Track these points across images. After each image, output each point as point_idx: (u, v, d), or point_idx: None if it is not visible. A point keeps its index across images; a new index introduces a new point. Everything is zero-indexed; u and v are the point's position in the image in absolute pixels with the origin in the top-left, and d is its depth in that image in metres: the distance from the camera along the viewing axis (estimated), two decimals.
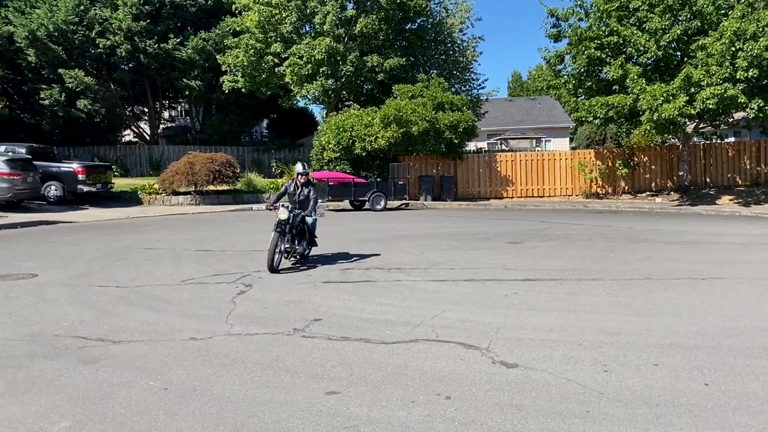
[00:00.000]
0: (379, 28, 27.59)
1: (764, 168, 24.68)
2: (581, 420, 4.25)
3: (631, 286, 8.71)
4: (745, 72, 18.32)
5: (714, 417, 4.30)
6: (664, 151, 25.86)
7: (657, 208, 21.26)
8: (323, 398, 4.68)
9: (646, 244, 12.77)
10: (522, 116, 41.59)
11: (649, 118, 19.76)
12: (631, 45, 20.79)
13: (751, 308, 7.36)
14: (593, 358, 5.56)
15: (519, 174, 26.01)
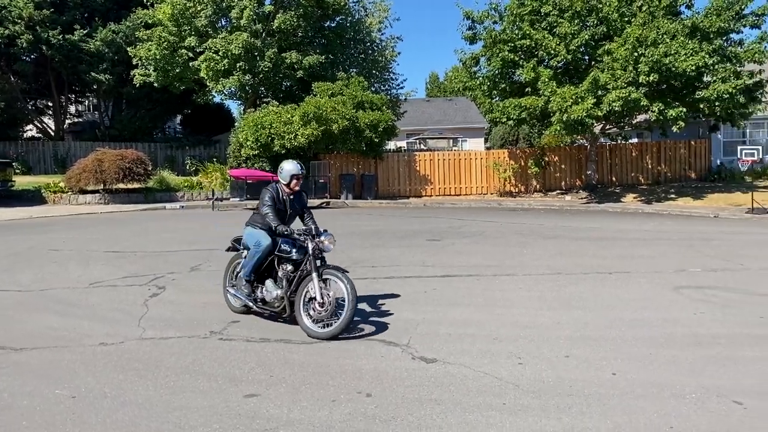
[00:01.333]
0: (297, 24, 27.32)
1: (664, 168, 26.26)
2: (498, 412, 4.37)
3: (543, 280, 9.03)
4: (647, 76, 19.38)
5: (621, 404, 4.53)
6: (574, 151, 27.00)
7: (567, 205, 22.18)
8: (242, 401, 4.58)
9: (557, 241, 13.29)
10: (439, 116, 42.31)
11: (559, 119, 20.57)
12: (543, 48, 21.55)
13: (653, 301, 7.80)
14: (509, 351, 5.73)
15: (437, 173, 26.46)
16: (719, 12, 20.20)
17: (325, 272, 6.22)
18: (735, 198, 20.92)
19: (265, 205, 6.55)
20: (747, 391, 4.74)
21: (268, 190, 6.72)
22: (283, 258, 6.53)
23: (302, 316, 6.19)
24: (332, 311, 6.09)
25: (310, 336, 6.07)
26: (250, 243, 6.70)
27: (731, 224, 16.37)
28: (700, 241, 12.97)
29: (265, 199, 6.60)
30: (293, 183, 6.78)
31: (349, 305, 5.95)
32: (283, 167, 6.81)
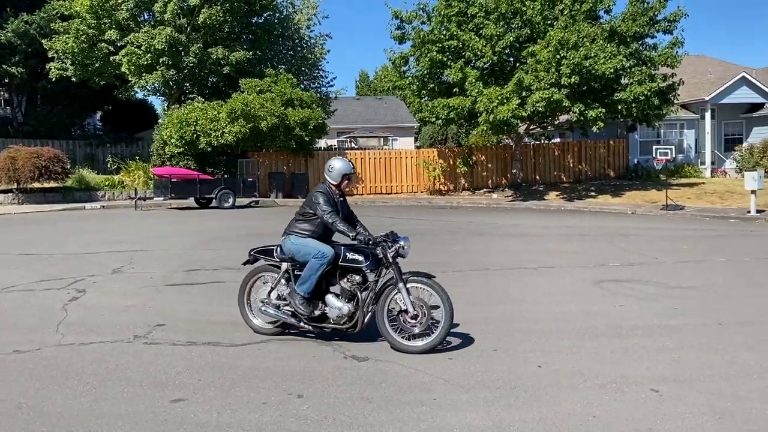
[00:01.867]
0: (223, 19, 26.75)
1: (585, 166, 27.30)
2: (429, 408, 4.42)
3: (471, 276, 9.21)
4: (569, 78, 20.08)
5: (546, 395, 4.67)
6: (500, 151, 27.68)
7: (493, 203, 22.72)
8: (168, 406, 4.44)
9: (485, 237, 13.58)
10: (370, 115, 42.43)
11: (486, 120, 21.02)
12: (470, 49, 21.96)
13: (576, 294, 8.09)
14: (439, 347, 5.80)
15: (368, 172, 26.53)
16: (635, 17, 21.15)
17: (411, 280, 5.72)
18: (650, 195, 21.99)
19: (326, 212, 5.73)
20: (663, 379, 4.99)
21: (321, 192, 5.88)
22: (348, 269, 5.83)
23: (388, 330, 5.65)
24: (427, 323, 5.60)
25: (401, 351, 5.54)
26: (307, 255, 5.79)
27: (647, 220, 17.20)
28: (618, 236, 13.55)
29: (320, 203, 5.78)
30: (344, 183, 6.09)
31: (447, 314, 5.52)
32: (334, 165, 6.05)
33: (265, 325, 6.18)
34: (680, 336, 6.18)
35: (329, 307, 5.79)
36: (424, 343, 5.56)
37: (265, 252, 6.22)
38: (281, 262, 6.04)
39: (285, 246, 5.99)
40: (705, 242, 12.97)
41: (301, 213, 6.02)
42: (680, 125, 27.85)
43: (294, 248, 5.92)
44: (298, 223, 6.01)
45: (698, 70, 30.35)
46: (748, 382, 4.94)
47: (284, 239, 6.03)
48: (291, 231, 6.01)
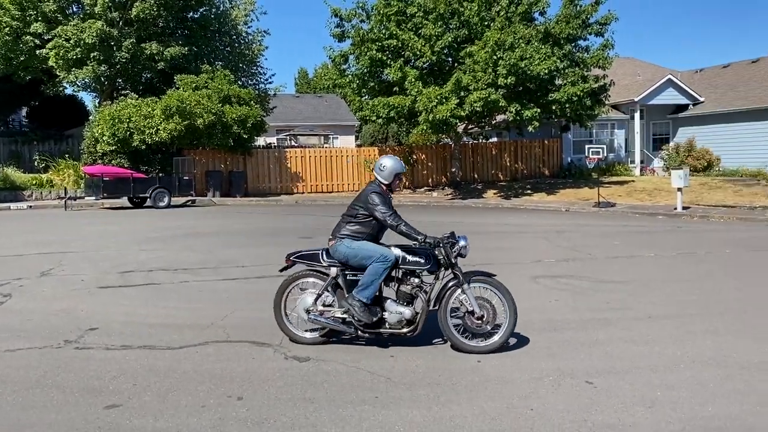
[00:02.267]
0: (158, 14, 26.01)
1: (521, 165, 27.95)
2: (371, 406, 4.43)
3: None
4: (505, 79, 20.49)
5: (486, 390, 4.75)
6: (439, 150, 28.00)
7: (434, 201, 22.96)
8: (102, 413, 4.29)
9: None
10: (310, 113, 42.12)
11: (426, 119, 21.23)
12: (409, 49, 22.11)
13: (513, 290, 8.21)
14: (381, 345, 5.81)
15: (309, 170, 26.36)
16: (568, 20, 21.77)
17: (474, 280, 5.66)
18: (583, 193, 22.70)
19: (386, 214, 5.59)
20: (597, 372, 5.16)
21: (377, 193, 5.68)
22: (406, 271, 5.68)
23: (452, 331, 5.57)
24: (493, 322, 5.57)
25: (465, 351, 5.51)
26: (366, 259, 5.56)
27: (581, 217, 17.75)
28: (553, 233, 13.93)
29: (379, 205, 5.61)
30: (395, 183, 5.93)
31: (511, 312, 5.53)
32: (385, 164, 5.83)
33: (305, 334, 5.85)
34: (612, 329, 6.40)
35: (389, 312, 5.59)
36: (488, 343, 5.55)
37: (307, 257, 5.91)
38: (329, 267, 5.75)
39: (338, 250, 5.70)
40: (635, 238, 13.48)
41: (352, 215, 5.79)
42: (611, 125, 28.86)
43: (350, 252, 5.65)
44: (350, 226, 5.76)
45: (628, 72, 31.53)
46: (676, 372, 5.17)
47: (336, 243, 5.74)
48: (343, 234, 5.75)
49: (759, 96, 25.91)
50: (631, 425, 4.13)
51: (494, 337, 5.56)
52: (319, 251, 5.87)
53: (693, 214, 17.73)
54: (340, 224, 5.86)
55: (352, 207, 5.82)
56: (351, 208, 5.81)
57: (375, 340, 5.89)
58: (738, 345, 5.80)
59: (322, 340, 5.82)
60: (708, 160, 26.17)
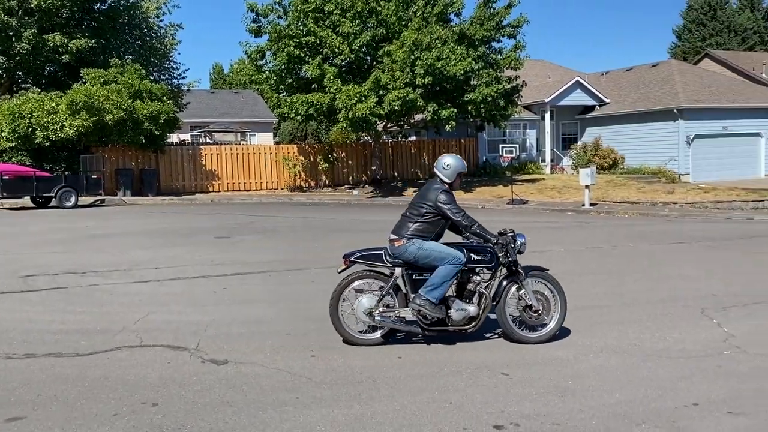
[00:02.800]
0: (61, 4, 24.67)
1: None
2: (292, 407, 4.38)
3: (334, 273, 9.23)
4: (423, 78, 20.79)
5: (406, 386, 4.80)
6: (359, 148, 28.07)
7: (354, 200, 22.99)
8: (3, 426, 4.02)
9: (347, 233, 13.72)
10: (226, 109, 41.17)
11: (345, 116, 21.22)
12: (327, 46, 22.02)
13: None
14: (302, 345, 5.77)
15: (225, 168, 25.77)
16: (482, 22, 22.34)
17: (529, 275, 5.85)
18: (498, 191, 23.36)
19: (459, 214, 5.67)
20: (512, 363, 5.32)
21: (446, 192, 5.73)
22: (469, 269, 5.72)
23: (510, 325, 5.74)
24: (548, 315, 5.81)
25: (523, 342, 5.73)
26: (437, 260, 5.56)
27: (495, 214, 18.26)
28: None
29: (451, 206, 5.66)
30: (457, 182, 5.98)
31: (562, 304, 5.80)
32: (449, 163, 5.86)
33: (364, 335, 5.77)
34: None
35: (454, 309, 5.60)
36: (542, 333, 5.79)
37: (369, 257, 5.80)
38: (394, 267, 5.70)
39: (408, 250, 5.62)
40: (546, 233, 14.00)
41: (419, 213, 5.73)
42: (523, 125, 29.85)
43: (421, 253, 5.59)
44: (418, 225, 5.70)
45: (539, 73, 32.70)
46: (585, 361, 5.41)
47: (406, 243, 5.64)
48: (411, 233, 5.67)
49: (658, 98, 27.53)
50: (545, 414, 4.29)
51: (547, 328, 5.81)
52: (382, 251, 5.79)
53: (600, 210, 18.61)
54: (404, 223, 5.78)
55: (417, 206, 5.76)
56: (416, 207, 5.76)
57: (293, 337, 5.83)
58: (642, 334, 6.14)
59: (381, 341, 5.76)
60: (613, 158, 27.54)
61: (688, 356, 5.51)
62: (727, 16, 53.72)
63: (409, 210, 5.84)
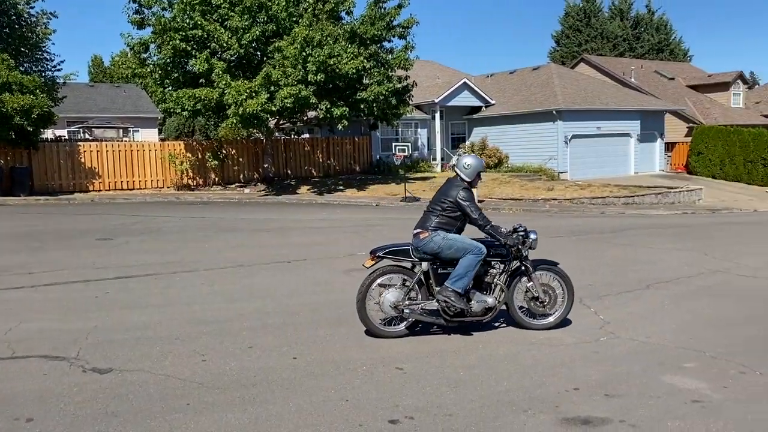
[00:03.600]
0: None
1: (333, 161, 28.45)
2: (182, 414, 4.22)
3: (225, 274, 9.02)
4: (315, 75, 20.66)
5: (302, 386, 4.77)
6: (251, 145, 27.48)
7: (246, 198, 22.50)
8: None
9: (238, 233, 13.40)
10: (106, 104, 38.94)
11: (235, 113, 20.69)
12: (215, 41, 21.36)
13: (328, 284, 8.40)
14: (191, 349, 5.58)
15: (107, 165, 24.36)
16: (373, 21, 22.54)
17: (539, 268, 6.22)
18: (392, 188, 23.71)
19: (476, 213, 5.93)
20: (407, 358, 5.42)
21: (467, 190, 6.00)
22: (486, 262, 6.04)
23: (519, 313, 6.22)
24: (555, 304, 6.23)
25: (531, 329, 6.17)
26: (461, 250, 5.84)
27: (390, 211, 18.53)
28: (365, 227, 14.38)
29: (471, 205, 5.94)
30: (477, 181, 6.24)
31: (569, 295, 6.24)
32: (470, 163, 6.11)
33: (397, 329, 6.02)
34: None
35: (474, 301, 5.93)
36: (549, 320, 6.24)
37: (397, 252, 6.05)
38: (421, 261, 5.95)
39: (434, 240, 5.88)
40: None
41: (442, 208, 6.00)
42: (415, 124, 30.46)
43: (446, 243, 5.86)
44: (441, 219, 5.98)
45: (429, 74, 33.48)
46: (475, 352, 5.61)
47: (431, 234, 5.91)
48: (435, 226, 5.95)
49: (539, 100, 29.02)
50: (438, 406, 4.40)
51: (551, 317, 6.25)
52: (408, 246, 6.04)
53: (487, 207, 19.36)
54: (428, 217, 6.07)
55: (439, 201, 6.04)
56: (438, 203, 6.04)
57: (183, 342, 5.63)
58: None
59: (406, 333, 6.01)
60: (498, 157, 28.73)
61: (568, 343, 5.86)
62: (600, 23, 57.56)
63: (431, 205, 6.16)
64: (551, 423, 4.15)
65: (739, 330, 6.40)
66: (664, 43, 57.94)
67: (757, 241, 13.04)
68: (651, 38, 57.79)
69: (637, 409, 4.37)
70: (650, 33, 58.30)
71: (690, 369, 5.20)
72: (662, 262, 10.28)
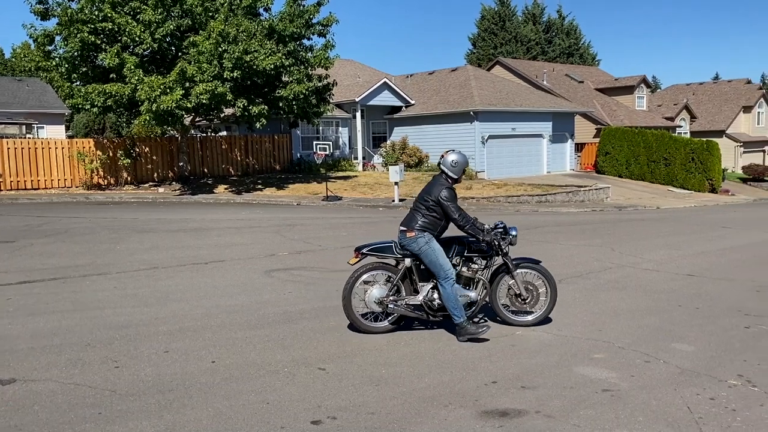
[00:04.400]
0: None
1: (252, 160, 27.94)
2: (93, 424, 4.03)
3: (139, 276, 8.68)
4: (231, 72, 20.21)
5: (221, 391, 4.65)
6: (165, 143, 26.58)
7: (160, 198, 21.75)
8: None
9: (152, 234, 12.93)
10: (7, 98, 36.59)
11: (148, 109, 19.95)
12: (127, 34, 20.52)
13: (247, 286, 8.24)
14: (103, 356, 5.34)
15: (8, 164, 22.91)
16: (292, 18, 22.30)
17: (521, 266, 6.34)
18: (313, 187, 23.56)
19: (457, 212, 5.96)
20: (329, 358, 5.40)
21: (449, 189, 6.04)
22: (469, 258, 6.22)
23: (502, 310, 6.36)
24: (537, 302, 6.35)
25: (513, 325, 6.33)
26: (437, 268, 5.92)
27: (311, 211, 18.41)
28: (286, 227, 14.22)
29: (451, 204, 5.96)
30: (461, 177, 6.26)
31: (552, 293, 6.34)
32: (457, 160, 6.17)
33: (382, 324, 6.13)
34: (342, 315, 6.73)
35: (459, 295, 6.00)
36: (532, 318, 6.36)
37: (381, 249, 6.14)
38: (404, 258, 6.06)
39: (418, 242, 5.94)
40: (360, 228, 14.42)
41: (426, 207, 6.05)
42: (336, 123, 30.40)
43: (426, 249, 5.93)
44: (425, 218, 6.04)
45: (349, 73, 33.50)
46: (397, 349, 5.66)
47: (417, 235, 5.96)
48: (420, 225, 5.99)
49: (457, 101, 29.62)
50: (361, 404, 4.41)
51: (532, 315, 6.39)
52: (391, 244, 6.14)
53: (408, 206, 19.57)
54: (413, 216, 6.10)
55: (423, 200, 6.08)
56: (423, 201, 6.08)
57: (94, 348, 5.37)
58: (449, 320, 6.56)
59: (392, 328, 6.14)
60: (419, 156, 29.12)
61: (487, 338, 6.00)
62: (514, 27, 59.44)
63: (416, 203, 6.19)
64: (471, 417, 4.24)
65: (645, 321, 6.76)
66: (574, 48, 60.55)
67: (660, 237, 13.84)
68: (562, 42, 60.25)
69: (552, 400, 4.53)
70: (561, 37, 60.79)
71: (600, 359, 5.45)
72: (573, 257, 10.73)
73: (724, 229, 15.47)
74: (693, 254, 11.34)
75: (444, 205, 5.99)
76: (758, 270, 9.86)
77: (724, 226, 16.33)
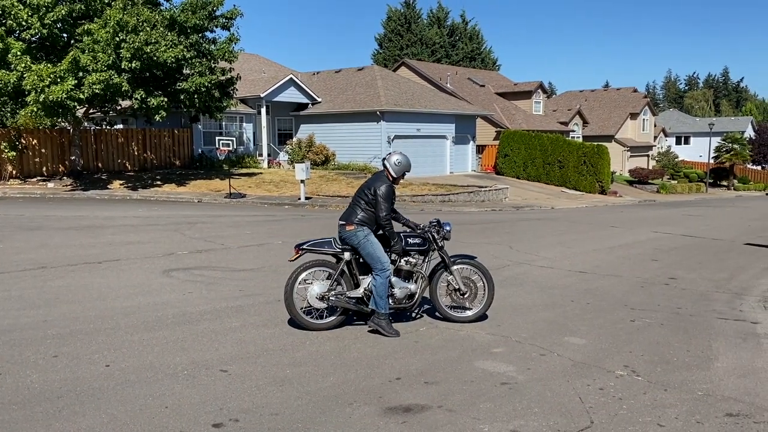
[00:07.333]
0: None
1: (150, 155, 26.81)
2: None
3: (24, 277, 8.13)
4: (129, 62, 19.28)
5: (116, 395, 4.44)
6: (55, 135, 25.00)
7: (50, 193, 20.45)
8: None
9: (40, 232, 12.15)
10: None
11: (36, 99, 18.69)
12: (12, 17, 19.13)
13: (144, 286, 7.90)
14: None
15: None
16: (194, 9, 21.59)
17: (458, 262, 6.52)
18: (215, 184, 22.94)
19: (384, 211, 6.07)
20: (231, 359, 5.28)
21: (387, 186, 6.15)
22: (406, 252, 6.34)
23: (442, 305, 6.53)
24: (475, 297, 6.54)
25: (454, 321, 6.49)
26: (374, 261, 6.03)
27: (213, 208, 17.92)
28: (186, 225, 13.76)
29: (382, 202, 6.06)
30: (401, 178, 6.45)
31: (489, 288, 6.54)
32: (401, 160, 6.34)
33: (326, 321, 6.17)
34: (245, 316, 6.63)
35: (397, 288, 6.17)
36: (471, 313, 6.55)
37: (319, 245, 6.19)
38: (344, 251, 6.14)
39: (357, 235, 6.04)
40: (265, 227, 14.19)
41: (365, 202, 6.15)
42: (240, 118, 29.75)
43: (364, 242, 6.04)
44: (365, 213, 6.13)
45: (254, 68, 32.87)
46: (302, 349, 5.62)
47: (356, 229, 6.05)
48: (360, 221, 6.08)
49: (364, 100, 29.79)
50: (263, 406, 4.34)
51: (472, 311, 6.56)
52: (330, 240, 6.24)
53: (314, 204, 19.49)
54: (353, 210, 6.18)
55: (363, 194, 6.18)
56: (363, 195, 6.17)
57: None
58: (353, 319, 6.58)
59: (339, 323, 6.21)
60: (326, 155, 29.04)
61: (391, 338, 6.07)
62: (420, 29, 60.52)
63: (356, 197, 6.26)
64: (375, 414, 4.28)
65: (540, 315, 7.09)
66: (476, 52, 62.50)
67: (554, 235, 14.55)
68: (465, 46, 62.01)
69: (454, 395, 4.66)
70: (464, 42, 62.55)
71: (499, 354, 5.65)
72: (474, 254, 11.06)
73: (612, 228, 16.48)
74: (584, 252, 12.01)
75: (378, 198, 6.09)
76: (643, 266, 10.59)
77: (612, 225, 17.40)
